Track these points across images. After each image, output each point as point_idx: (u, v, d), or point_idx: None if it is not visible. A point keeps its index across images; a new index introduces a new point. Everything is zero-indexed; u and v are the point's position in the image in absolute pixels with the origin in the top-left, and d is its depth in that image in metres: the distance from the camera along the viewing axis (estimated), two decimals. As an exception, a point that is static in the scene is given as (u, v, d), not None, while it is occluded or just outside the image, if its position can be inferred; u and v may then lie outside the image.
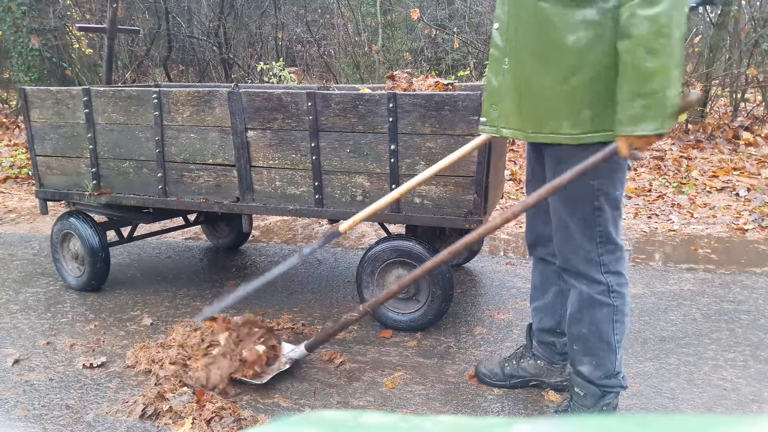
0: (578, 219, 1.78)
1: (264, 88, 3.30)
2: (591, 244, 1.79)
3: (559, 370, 2.16)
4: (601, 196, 1.74)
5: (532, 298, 2.17)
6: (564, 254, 1.86)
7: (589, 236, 1.78)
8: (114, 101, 2.85)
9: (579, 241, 1.80)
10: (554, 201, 1.82)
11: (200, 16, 9.55)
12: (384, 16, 8.88)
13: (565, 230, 1.83)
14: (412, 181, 2.17)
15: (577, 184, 1.69)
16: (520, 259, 3.60)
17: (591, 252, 1.80)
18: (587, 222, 1.77)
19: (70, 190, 3.10)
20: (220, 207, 2.79)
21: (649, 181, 5.19)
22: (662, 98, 1.48)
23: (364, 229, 4.25)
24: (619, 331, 1.85)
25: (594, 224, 1.77)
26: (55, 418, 2.07)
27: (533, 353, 2.19)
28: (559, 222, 1.84)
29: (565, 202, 1.79)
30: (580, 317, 1.86)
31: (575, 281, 1.86)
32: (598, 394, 1.89)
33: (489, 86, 1.83)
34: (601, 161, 1.61)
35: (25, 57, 7.06)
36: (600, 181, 1.72)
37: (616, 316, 1.84)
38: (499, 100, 1.79)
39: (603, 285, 1.82)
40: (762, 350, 2.44)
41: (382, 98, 2.42)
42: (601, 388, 1.89)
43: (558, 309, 2.08)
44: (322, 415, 0.49)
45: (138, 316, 2.88)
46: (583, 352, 1.89)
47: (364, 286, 2.67)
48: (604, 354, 1.86)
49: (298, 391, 2.22)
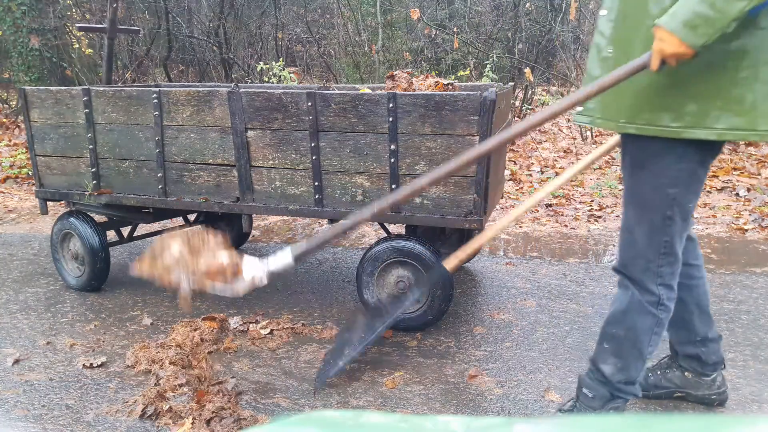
0: (646, 226, 1.72)
1: (264, 88, 3.30)
2: (653, 254, 1.73)
3: (708, 383, 2.05)
4: (676, 206, 1.68)
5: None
6: (623, 258, 1.81)
7: (654, 245, 1.73)
8: (114, 101, 2.85)
9: (641, 249, 1.74)
10: (625, 204, 1.78)
11: (200, 16, 9.55)
12: (384, 16, 8.88)
13: (630, 235, 1.77)
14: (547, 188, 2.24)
15: (653, 192, 1.65)
16: (520, 259, 3.60)
17: (652, 262, 1.74)
18: (655, 231, 1.71)
19: (70, 190, 3.10)
20: (220, 207, 2.79)
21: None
22: (720, 20, 1.39)
23: (364, 229, 4.25)
24: (653, 343, 1.80)
25: (662, 234, 1.71)
26: (55, 418, 2.07)
27: (680, 364, 2.09)
28: (625, 226, 1.79)
29: (635, 206, 1.74)
30: (622, 319, 1.81)
31: (629, 283, 1.81)
32: (607, 397, 1.85)
33: (588, 75, 1.79)
34: (624, 77, 1.54)
35: (25, 57, 7.06)
36: (678, 190, 1.66)
37: (656, 329, 1.79)
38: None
39: (654, 296, 1.76)
40: (762, 350, 2.44)
41: (382, 98, 2.42)
42: (614, 391, 1.85)
43: (687, 318, 2.00)
44: (322, 415, 0.49)
45: (138, 316, 2.88)
46: (613, 352, 1.84)
47: (364, 286, 2.67)
48: (632, 360, 1.82)
49: (298, 391, 2.22)
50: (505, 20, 8.53)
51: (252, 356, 2.47)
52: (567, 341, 2.55)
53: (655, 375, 2.12)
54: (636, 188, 1.74)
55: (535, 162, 5.89)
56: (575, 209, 4.54)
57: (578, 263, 3.50)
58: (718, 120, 1.53)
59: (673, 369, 2.10)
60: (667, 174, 1.65)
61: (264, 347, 2.54)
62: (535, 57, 8.51)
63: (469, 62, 8.25)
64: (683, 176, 1.64)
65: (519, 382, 2.25)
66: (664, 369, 2.12)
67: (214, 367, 2.38)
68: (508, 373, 2.32)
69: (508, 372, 2.32)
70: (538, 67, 8.21)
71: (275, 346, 2.55)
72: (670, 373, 2.10)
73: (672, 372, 2.10)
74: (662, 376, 2.11)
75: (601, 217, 4.37)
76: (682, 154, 1.60)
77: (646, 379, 2.13)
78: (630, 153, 1.74)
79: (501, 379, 2.27)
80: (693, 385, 2.07)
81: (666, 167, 1.64)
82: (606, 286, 3.13)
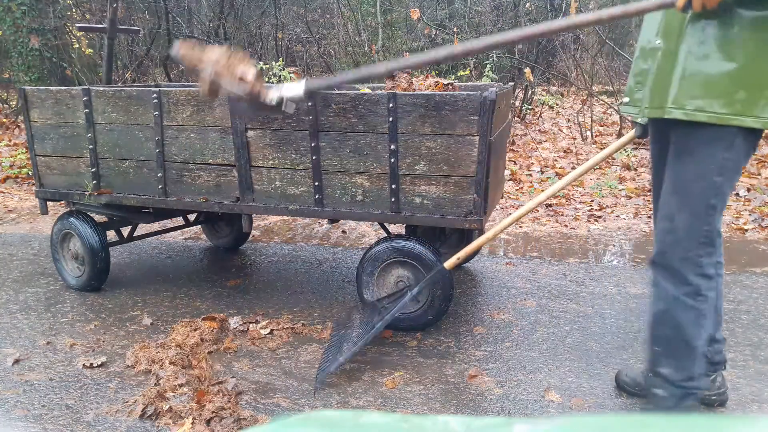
0: (687, 214, 1.71)
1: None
2: (693, 242, 1.72)
3: (708, 383, 2.04)
4: (719, 194, 1.68)
5: None
6: (662, 247, 1.79)
7: (695, 234, 1.72)
8: (114, 101, 2.85)
9: (681, 237, 1.73)
10: (666, 192, 1.77)
11: (200, 16, 9.56)
12: (384, 16, 8.88)
13: (670, 222, 1.76)
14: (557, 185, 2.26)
15: (699, 179, 1.65)
16: (520, 258, 3.60)
17: (691, 251, 1.73)
18: (696, 219, 1.71)
19: (70, 190, 3.10)
20: (220, 207, 2.79)
21: (649, 181, 5.19)
22: None
23: (364, 229, 4.25)
24: (702, 335, 1.80)
25: (703, 222, 1.71)
26: (55, 418, 2.07)
27: None
28: (665, 214, 1.78)
29: (678, 194, 1.73)
30: (665, 319, 1.81)
31: (662, 278, 1.80)
32: (679, 395, 1.85)
33: (636, 66, 1.80)
34: (651, 8, 1.57)
35: (25, 57, 7.06)
36: (723, 178, 1.65)
37: (700, 320, 1.78)
38: (645, 79, 1.77)
39: (692, 287, 1.76)
40: (762, 350, 2.44)
41: (382, 98, 2.42)
42: (683, 390, 1.84)
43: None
44: (322, 415, 0.49)
45: (138, 316, 2.88)
46: (665, 354, 1.84)
47: (364, 286, 2.67)
48: (686, 356, 1.81)
49: (298, 391, 2.22)
50: (505, 20, 8.53)
51: (252, 356, 2.47)
52: (567, 341, 2.55)
53: None
54: (681, 175, 1.73)
55: (535, 162, 5.89)
56: (575, 209, 4.54)
57: (578, 263, 3.50)
58: (765, 109, 1.56)
59: None
60: (714, 161, 1.66)
61: (264, 347, 2.54)
62: (535, 57, 8.51)
63: (469, 62, 8.25)
64: (729, 165, 1.64)
65: (519, 382, 2.25)
66: None
67: (214, 367, 2.38)
68: (508, 373, 2.32)
69: (508, 372, 2.32)
70: (538, 67, 8.21)
71: (275, 346, 2.55)
72: None
73: None
74: None
75: (601, 217, 4.37)
76: (731, 143, 1.61)
77: (646, 380, 2.12)
78: (677, 140, 1.74)
79: (501, 379, 2.27)
80: None
81: (713, 154, 1.64)
82: (606, 286, 3.13)
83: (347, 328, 2.48)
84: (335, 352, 2.33)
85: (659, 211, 1.82)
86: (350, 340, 2.35)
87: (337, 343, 2.39)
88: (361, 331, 2.37)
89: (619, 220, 4.30)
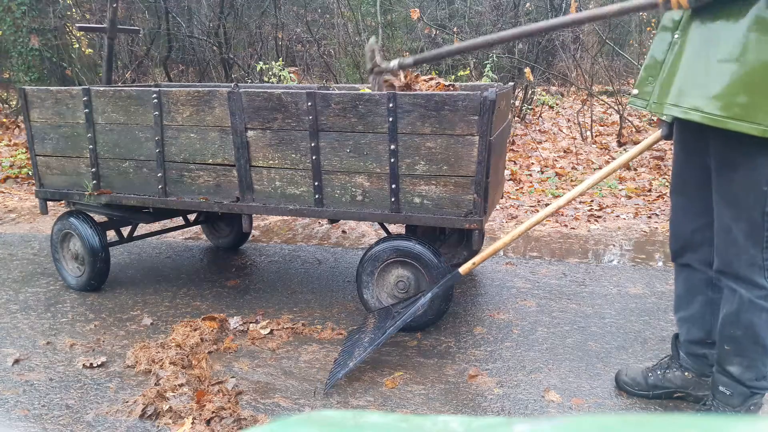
0: (744, 223, 1.72)
1: (264, 87, 3.30)
2: (756, 249, 1.73)
3: (708, 383, 2.05)
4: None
5: (677, 308, 2.09)
6: (725, 258, 1.80)
7: (755, 240, 1.72)
8: (114, 101, 2.85)
9: (743, 246, 1.74)
10: (718, 204, 1.78)
11: (200, 16, 9.55)
12: (384, 16, 8.88)
13: (728, 234, 1.77)
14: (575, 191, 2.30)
15: (748, 191, 1.66)
16: (520, 258, 3.60)
17: (756, 257, 1.74)
18: (754, 227, 1.71)
19: (70, 190, 3.10)
20: (220, 207, 2.79)
21: (649, 181, 5.19)
22: None
23: (364, 229, 4.25)
24: None
25: (762, 229, 1.71)
26: (55, 418, 2.07)
27: (681, 364, 2.10)
28: (721, 226, 1.79)
29: (730, 205, 1.74)
30: (736, 320, 1.80)
31: (734, 284, 1.81)
32: (746, 394, 1.85)
33: (651, 59, 1.80)
34: (631, 10, 1.63)
35: (25, 57, 7.05)
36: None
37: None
38: (658, 73, 1.76)
39: (765, 290, 1.76)
40: (762, 350, 2.44)
41: (382, 98, 2.42)
42: (750, 389, 1.84)
43: (707, 319, 2.00)
44: (322, 415, 0.49)
45: (138, 316, 2.88)
46: (735, 353, 1.83)
47: (364, 286, 2.67)
48: (757, 356, 1.81)
49: (298, 391, 2.22)
50: (505, 20, 8.52)
51: (252, 356, 2.47)
52: (567, 341, 2.55)
53: (656, 375, 2.12)
54: (727, 188, 1.74)
55: (535, 162, 5.89)
56: (575, 209, 4.54)
57: (578, 263, 3.50)
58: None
59: (673, 369, 2.10)
60: (760, 173, 1.65)
61: (264, 347, 2.54)
62: (535, 57, 8.51)
63: (469, 62, 8.26)
64: None
65: (519, 382, 2.25)
66: (664, 369, 2.12)
67: (214, 367, 2.38)
68: (507, 373, 2.32)
69: (508, 372, 2.33)
70: (538, 67, 8.21)
71: (275, 346, 2.55)
72: (670, 373, 2.10)
73: (672, 372, 2.10)
74: (662, 377, 2.11)
75: (601, 217, 4.37)
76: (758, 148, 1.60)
77: (646, 380, 2.13)
78: (718, 153, 1.74)
79: (501, 379, 2.27)
80: (693, 385, 2.07)
81: (760, 165, 1.64)
82: (606, 286, 3.13)
83: (361, 333, 2.48)
84: (347, 358, 2.32)
85: (716, 223, 1.82)
86: (362, 345, 2.34)
87: (350, 349, 2.39)
88: (373, 336, 2.37)
89: (619, 220, 4.30)
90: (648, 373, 2.13)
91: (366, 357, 2.29)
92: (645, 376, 2.13)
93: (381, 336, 2.32)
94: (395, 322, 2.37)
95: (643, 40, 9.43)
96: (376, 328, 2.43)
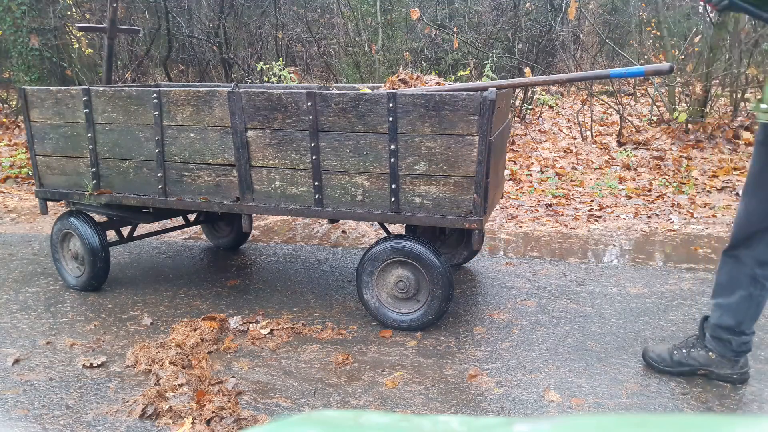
0: None
1: (264, 87, 3.30)
2: None
3: (731, 362, 2.17)
4: None
5: (716, 294, 2.19)
6: None
7: None
8: (114, 101, 2.85)
9: None
10: None
11: (200, 16, 9.55)
12: (384, 16, 8.88)
13: None
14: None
15: None
16: (520, 258, 3.60)
17: None
18: None
19: (70, 189, 3.10)
20: (220, 207, 2.79)
21: (649, 180, 5.19)
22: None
23: (364, 229, 4.25)
24: None
25: None
26: (55, 417, 2.07)
27: (705, 345, 2.21)
28: None
29: None
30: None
31: None
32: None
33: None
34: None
35: (25, 57, 7.05)
36: None
37: None
38: None
39: None
40: (762, 350, 2.44)
41: (382, 98, 2.42)
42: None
43: (742, 311, 2.11)
44: (322, 415, 0.49)
45: (138, 316, 2.88)
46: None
47: (364, 286, 2.67)
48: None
49: (298, 391, 2.22)
50: (505, 20, 8.52)
51: (252, 356, 2.47)
52: (567, 341, 2.55)
53: (681, 353, 2.24)
54: None
55: (535, 162, 5.89)
56: (575, 209, 4.54)
57: (578, 263, 3.50)
58: None
59: (698, 348, 2.22)
60: None
61: (264, 347, 2.54)
62: (535, 57, 8.51)
63: (469, 62, 8.26)
64: None
65: (519, 382, 2.25)
66: (689, 348, 2.24)
67: (214, 367, 2.38)
68: (507, 373, 2.32)
69: (508, 372, 2.33)
70: (538, 67, 8.21)
71: (275, 346, 2.55)
72: (695, 352, 2.22)
73: (697, 351, 2.22)
74: (687, 354, 2.23)
75: (601, 217, 4.37)
76: None
77: (671, 356, 2.25)
78: None
79: (501, 379, 2.27)
80: (716, 364, 2.19)
81: None
82: (606, 286, 3.13)
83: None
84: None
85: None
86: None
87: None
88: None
89: (619, 220, 4.30)
90: (674, 351, 2.25)
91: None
92: (671, 353, 2.25)
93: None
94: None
95: (643, 40, 9.43)
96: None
